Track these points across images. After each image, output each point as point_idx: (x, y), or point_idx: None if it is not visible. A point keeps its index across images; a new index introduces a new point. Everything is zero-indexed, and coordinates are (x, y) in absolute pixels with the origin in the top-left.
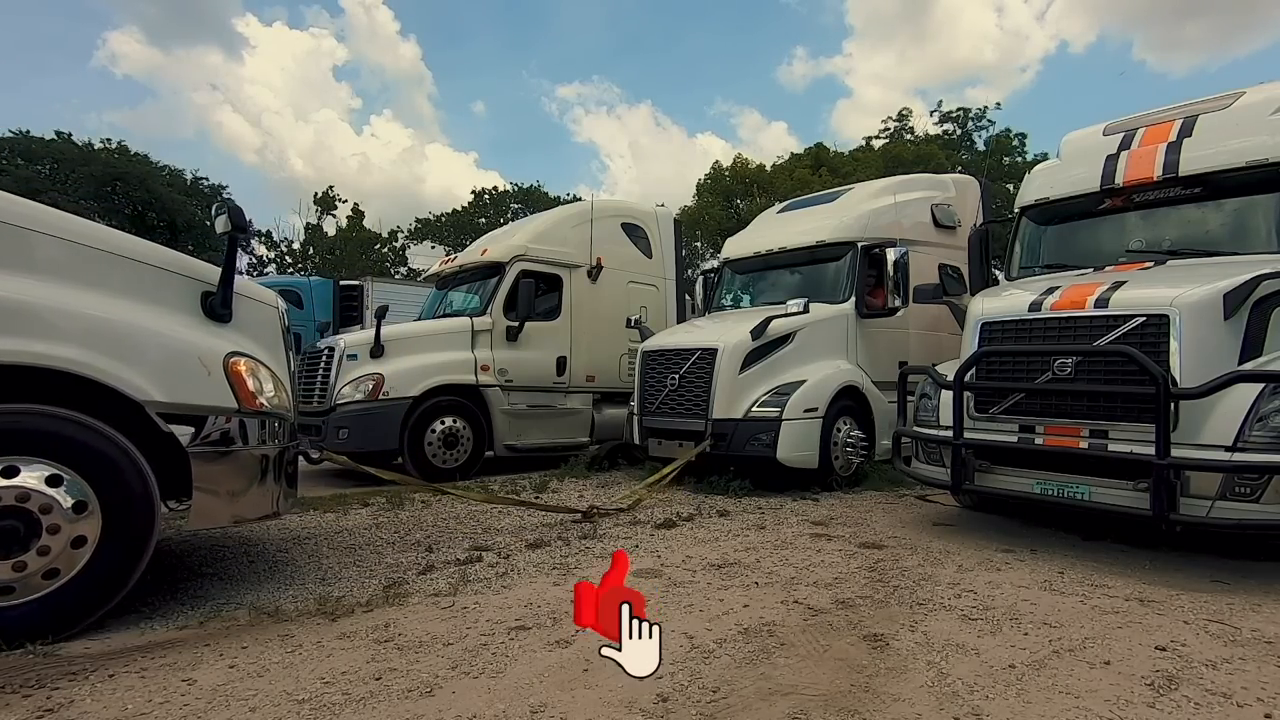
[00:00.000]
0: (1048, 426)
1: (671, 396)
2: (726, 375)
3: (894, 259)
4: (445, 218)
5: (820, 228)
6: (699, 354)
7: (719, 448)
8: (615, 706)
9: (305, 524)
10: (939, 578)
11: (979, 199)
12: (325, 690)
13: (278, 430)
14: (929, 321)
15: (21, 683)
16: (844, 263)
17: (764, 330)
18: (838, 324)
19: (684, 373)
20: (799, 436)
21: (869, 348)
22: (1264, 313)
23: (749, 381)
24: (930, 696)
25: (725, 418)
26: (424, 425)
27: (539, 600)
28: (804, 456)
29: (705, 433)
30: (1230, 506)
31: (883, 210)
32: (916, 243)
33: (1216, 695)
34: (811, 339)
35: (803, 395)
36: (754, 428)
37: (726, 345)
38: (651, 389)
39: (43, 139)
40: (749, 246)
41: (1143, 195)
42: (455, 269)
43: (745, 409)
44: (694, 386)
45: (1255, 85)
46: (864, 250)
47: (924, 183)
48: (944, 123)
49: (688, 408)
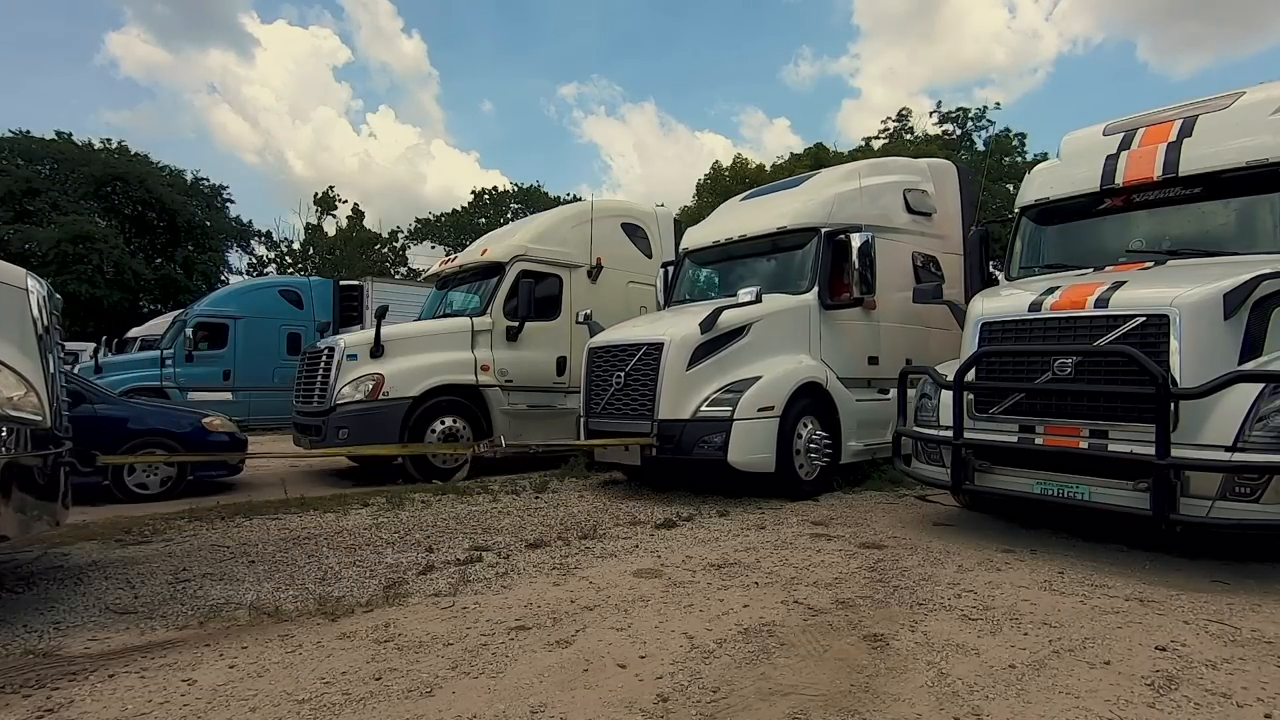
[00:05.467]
0: (1048, 426)
1: (616, 396)
2: (673, 372)
3: (859, 245)
4: (445, 218)
5: (782, 213)
6: (644, 349)
7: (666, 450)
8: (615, 706)
9: (305, 524)
10: (939, 578)
11: (957, 185)
12: (325, 690)
13: (6, 438)
14: (902, 314)
15: (21, 683)
16: (807, 250)
17: (714, 323)
18: (798, 316)
19: (629, 370)
20: (753, 438)
21: (834, 341)
22: (1264, 313)
23: (698, 378)
24: (930, 696)
25: (672, 418)
26: (424, 425)
27: (539, 600)
28: (759, 460)
29: (650, 434)
30: (1230, 506)
31: (849, 195)
32: (887, 229)
33: (1216, 695)
34: (769, 332)
35: (757, 393)
36: (703, 428)
37: (673, 339)
38: (596, 388)
39: (43, 139)
40: (708, 235)
41: (1143, 195)
42: (455, 269)
43: (694, 408)
44: (639, 384)
45: (1255, 85)
46: (828, 237)
47: (896, 166)
48: (944, 123)
49: (633, 408)
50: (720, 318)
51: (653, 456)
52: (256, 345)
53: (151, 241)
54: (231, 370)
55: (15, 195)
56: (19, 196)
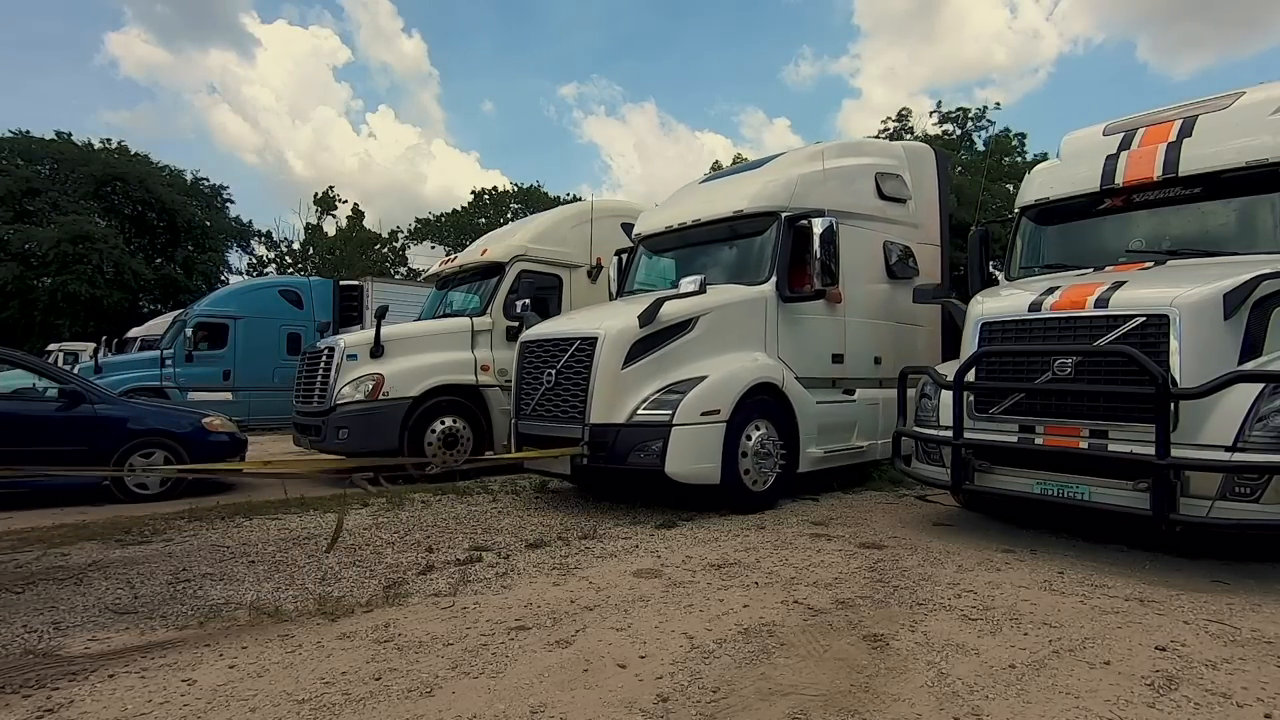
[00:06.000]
0: (1048, 426)
1: (548, 396)
2: (607, 370)
3: (820, 231)
4: (445, 218)
5: (739, 196)
6: (577, 344)
7: (597, 458)
8: (615, 706)
9: (305, 524)
10: (939, 578)
11: (935, 171)
12: (325, 690)
13: None
14: (871, 308)
15: (21, 683)
16: (766, 237)
17: (655, 315)
18: (753, 308)
19: (560, 367)
20: (695, 445)
21: (794, 338)
22: (1264, 313)
23: (635, 377)
24: (930, 696)
25: (605, 422)
26: (424, 425)
27: (539, 600)
28: (702, 470)
29: (581, 440)
30: (1230, 506)
31: (813, 177)
32: (856, 216)
33: (1216, 695)
34: (718, 326)
35: (701, 394)
36: (639, 434)
37: (607, 333)
38: (528, 387)
39: (43, 139)
40: (662, 220)
41: (1143, 195)
42: (455, 269)
43: (630, 411)
44: (571, 384)
45: (1255, 85)
46: (789, 222)
47: (869, 148)
48: (944, 123)
49: (565, 410)
50: (662, 310)
51: (584, 465)
52: (256, 345)
53: (151, 241)
54: (231, 370)
55: (15, 195)
56: (19, 196)
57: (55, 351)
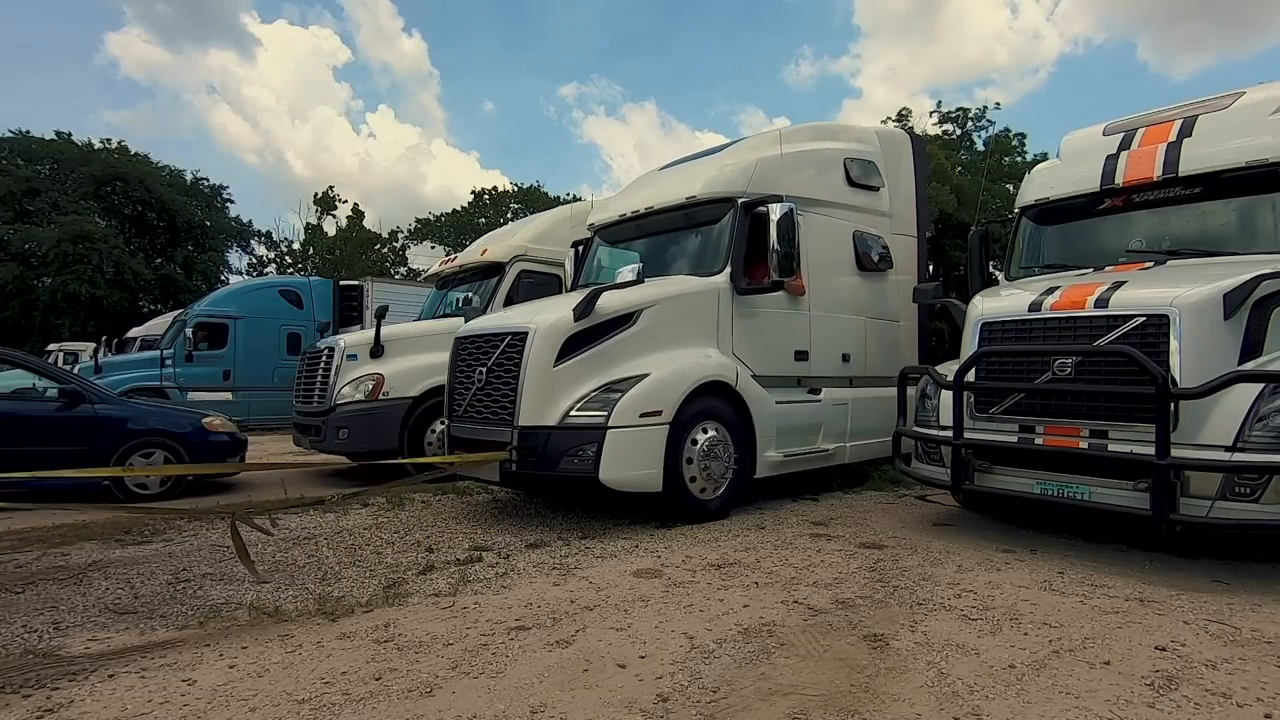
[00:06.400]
0: (1048, 426)
1: (479, 396)
2: (537, 367)
3: (777, 217)
4: (445, 218)
5: (694, 181)
6: (508, 339)
7: (527, 464)
8: (615, 706)
9: (305, 524)
10: (939, 578)
11: (911, 158)
12: (325, 690)
13: None
14: (839, 301)
15: (21, 683)
16: (723, 225)
17: (591, 308)
18: (704, 301)
19: (491, 364)
20: (633, 449)
21: (751, 333)
22: (1264, 313)
23: (569, 375)
24: (930, 696)
25: (535, 425)
26: (424, 425)
27: (539, 600)
28: (641, 477)
29: (510, 444)
30: (1230, 506)
31: (774, 160)
32: (822, 203)
33: (1216, 695)
34: (664, 320)
35: (641, 394)
36: (571, 438)
37: (538, 327)
38: (460, 387)
39: (43, 139)
40: (616, 209)
41: (1143, 195)
42: (455, 269)
43: (562, 413)
44: (501, 383)
45: (1255, 85)
46: (745, 208)
47: (836, 132)
48: (944, 123)
49: (495, 411)
50: (599, 302)
51: (512, 471)
52: (256, 345)
53: (151, 241)
54: (231, 370)
55: (15, 195)
56: (19, 196)
57: (55, 351)
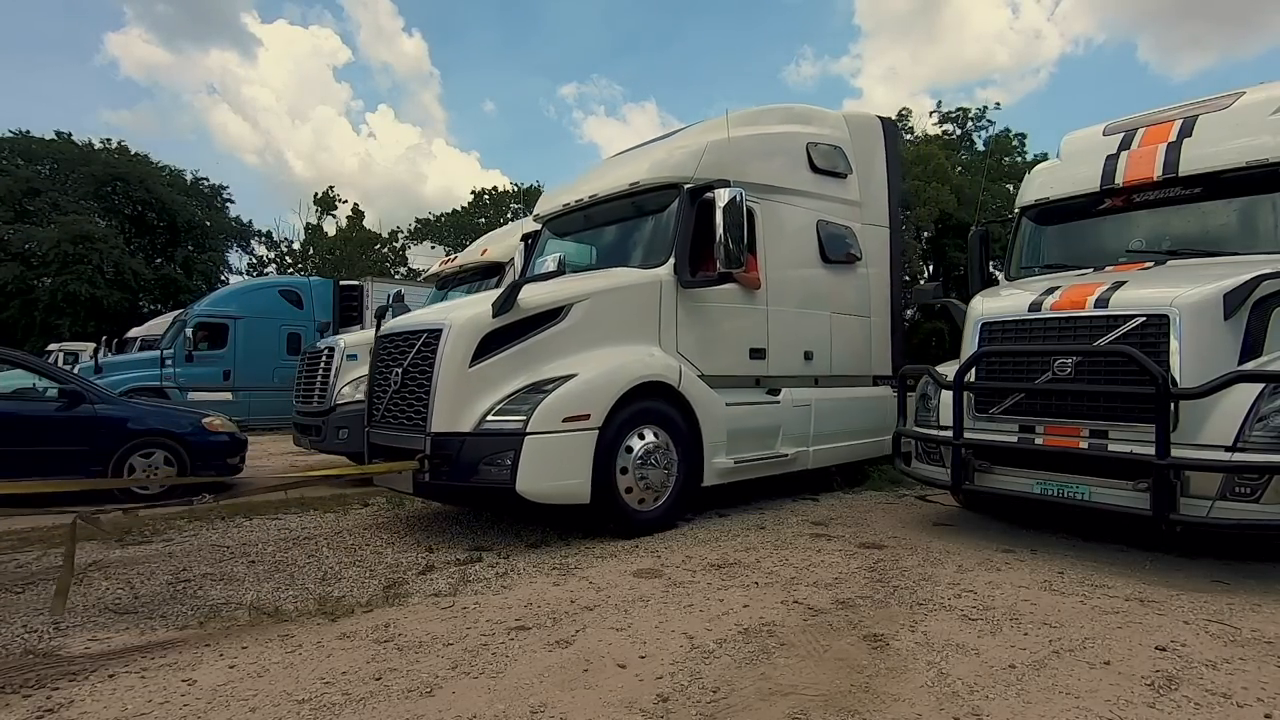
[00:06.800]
0: (1048, 426)
1: (394, 400)
2: (451, 367)
3: (724, 203)
4: (445, 218)
5: (639, 166)
6: (424, 337)
7: (441, 474)
8: (615, 706)
9: (305, 524)
10: (939, 578)
11: (883, 144)
12: (325, 690)
13: None
14: (801, 295)
15: (21, 683)
16: (669, 213)
17: (512, 302)
18: (644, 294)
19: (407, 365)
20: (556, 457)
21: (700, 329)
22: (1264, 313)
23: (487, 377)
24: (930, 696)
25: (448, 431)
26: None
27: (539, 600)
28: (565, 487)
29: (423, 452)
30: (1230, 506)
31: (724, 144)
32: (782, 190)
33: (1216, 695)
34: (598, 315)
35: (566, 396)
36: (487, 445)
37: (453, 324)
38: (378, 389)
39: (43, 139)
40: (560, 198)
41: (1143, 195)
42: (455, 269)
43: (477, 418)
44: (416, 385)
45: (1255, 85)
46: (692, 195)
47: (798, 115)
48: (944, 123)
49: (410, 416)
50: (521, 296)
51: (425, 481)
52: (256, 345)
53: (151, 241)
54: (231, 370)
55: (15, 195)
56: (19, 196)
57: (55, 351)
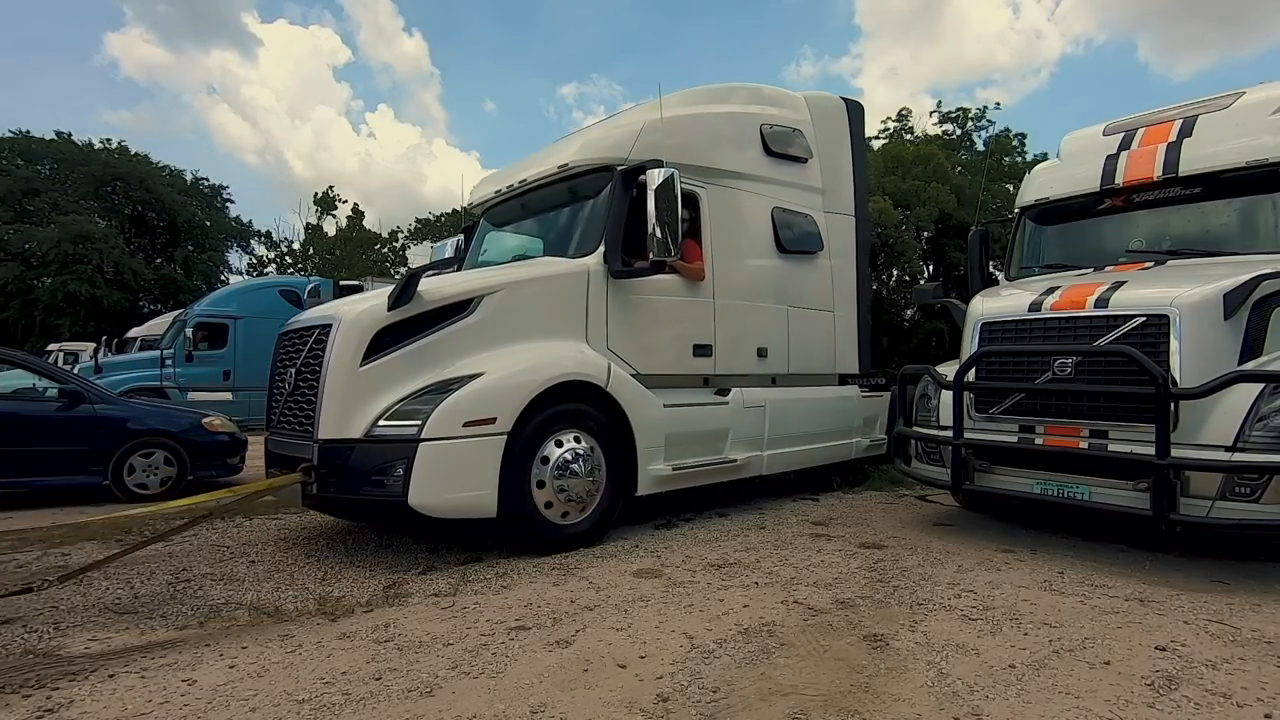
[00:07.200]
0: (1048, 426)
1: (288, 403)
2: (340, 366)
3: (656, 184)
4: (445, 218)
5: (570, 149)
6: (315, 334)
7: (328, 486)
8: (615, 706)
9: (305, 524)
10: (939, 578)
11: (847, 128)
12: (325, 690)
13: None
14: (752, 288)
15: (21, 683)
16: (601, 198)
17: (410, 293)
18: (567, 286)
19: (300, 365)
20: (455, 467)
21: (635, 324)
22: (1264, 313)
23: (382, 377)
24: (930, 696)
25: (336, 438)
26: None
27: (539, 600)
28: (466, 500)
29: (309, 461)
30: (1230, 506)
31: (664, 124)
32: (732, 174)
33: (1216, 695)
34: (512, 309)
35: (468, 398)
36: (377, 454)
37: (343, 318)
38: (276, 391)
39: (43, 139)
40: (493, 185)
41: (1143, 195)
42: None
43: (368, 423)
44: (307, 386)
45: (1255, 85)
46: (625, 177)
47: (753, 95)
48: (944, 123)
49: (300, 421)
50: (421, 287)
51: (313, 494)
52: (257, 345)
53: (151, 241)
54: (232, 370)
55: (15, 195)
56: (19, 196)
57: (55, 351)
